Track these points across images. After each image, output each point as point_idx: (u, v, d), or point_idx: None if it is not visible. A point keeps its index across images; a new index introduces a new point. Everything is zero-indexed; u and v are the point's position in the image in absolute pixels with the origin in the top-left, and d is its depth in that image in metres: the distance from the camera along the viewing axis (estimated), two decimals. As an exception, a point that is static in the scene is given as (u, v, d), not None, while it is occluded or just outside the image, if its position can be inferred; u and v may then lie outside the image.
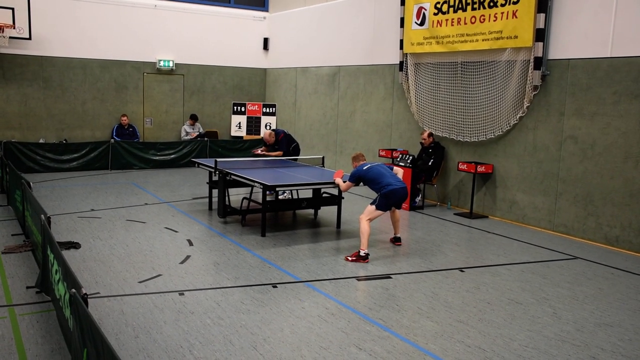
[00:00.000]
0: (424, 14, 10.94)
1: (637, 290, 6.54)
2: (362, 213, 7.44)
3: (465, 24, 10.11)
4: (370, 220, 7.34)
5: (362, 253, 7.22)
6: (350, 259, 7.25)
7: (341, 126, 13.90)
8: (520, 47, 9.24)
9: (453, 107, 10.61)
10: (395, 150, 11.56)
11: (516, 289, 6.43)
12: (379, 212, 7.37)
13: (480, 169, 9.87)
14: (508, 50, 9.44)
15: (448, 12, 10.43)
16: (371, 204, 7.43)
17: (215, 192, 9.74)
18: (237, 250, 7.55)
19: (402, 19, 11.48)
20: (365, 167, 7.59)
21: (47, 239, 5.31)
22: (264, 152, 10.92)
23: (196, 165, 10.07)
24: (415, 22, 11.13)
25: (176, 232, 8.33)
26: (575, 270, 7.22)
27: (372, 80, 12.82)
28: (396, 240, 8.09)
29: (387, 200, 7.33)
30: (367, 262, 7.18)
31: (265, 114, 16.15)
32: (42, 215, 5.56)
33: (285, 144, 10.72)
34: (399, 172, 7.87)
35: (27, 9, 13.07)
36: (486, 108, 9.97)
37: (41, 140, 13.79)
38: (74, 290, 3.73)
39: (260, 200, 8.37)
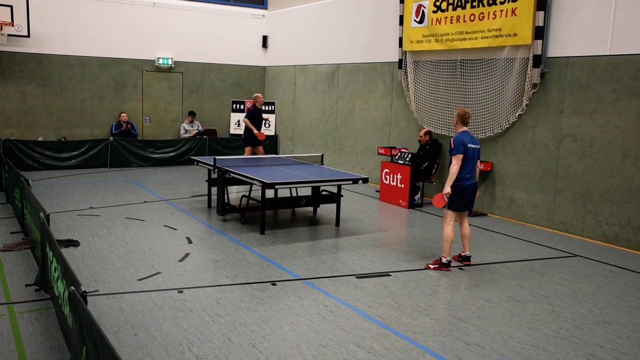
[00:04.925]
0: (423, 11, 10.93)
1: (636, 287, 6.55)
2: (443, 218, 6.94)
3: (464, 21, 10.10)
4: (451, 223, 6.86)
5: (443, 260, 6.89)
6: (432, 266, 6.91)
7: (340, 124, 13.89)
8: (519, 44, 9.23)
9: (452, 105, 10.60)
10: (395, 148, 11.56)
11: (515, 286, 6.44)
12: (454, 212, 6.88)
13: (479, 166, 9.85)
14: (507, 48, 9.44)
15: (447, 10, 10.42)
16: (447, 208, 6.86)
17: (214, 189, 9.74)
18: (236, 247, 7.55)
19: (401, 17, 11.47)
20: (469, 144, 6.78)
21: (46, 237, 5.30)
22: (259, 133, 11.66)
23: (195, 163, 10.07)
24: (415, 20, 11.12)
25: (175, 229, 8.33)
26: (574, 267, 7.23)
27: (371, 78, 12.82)
28: (464, 260, 7.15)
29: (459, 197, 6.78)
30: (449, 269, 6.85)
31: (264, 111, 16.12)
32: (41, 213, 5.56)
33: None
34: (478, 166, 7.19)
35: (26, 6, 13.03)
36: (485, 106, 9.97)
37: (40, 138, 13.76)
38: (73, 287, 3.73)
39: (259, 198, 8.37)
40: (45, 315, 5.19)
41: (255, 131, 11.49)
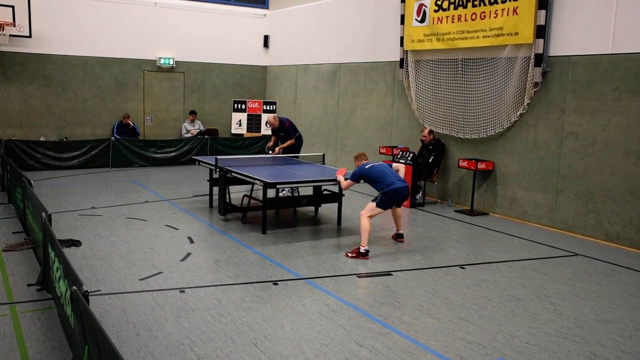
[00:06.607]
0: (424, 10, 10.93)
1: (638, 286, 6.54)
2: (363, 209, 7.44)
3: (465, 20, 10.09)
4: (371, 217, 7.35)
5: (362, 250, 7.24)
6: (350, 255, 7.27)
7: (342, 123, 13.90)
8: (520, 43, 9.23)
9: (454, 104, 10.60)
10: (396, 147, 11.55)
11: (517, 285, 6.43)
12: (379, 209, 7.39)
13: (481, 166, 9.87)
14: (509, 47, 9.43)
15: (448, 9, 10.41)
16: (372, 201, 7.46)
17: (215, 189, 9.75)
18: (238, 247, 7.56)
19: (402, 16, 11.46)
20: (367, 167, 7.61)
21: (48, 237, 5.31)
22: (279, 148, 10.89)
23: (197, 162, 10.08)
24: (416, 19, 11.11)
25: (177, 229, 8.33)
26: (575, 266, 7.22)
27: (373, 77, 12.81)
28: (399, 237, 8.11)
29: (389, 198, 7.36)
30: (367, 258, 7.20)
31: (265, 111, 16.14)
32: (43, 213, 5.57)
33: (292, 131, 10.81)
34: (400, 169, 7.85)
35: (27, 6, 13.06)
36: (487, 105, 9.96)
37: (42, 138, 13.79)
38: (75, 287, 3.73)
39: (260, 198, 8.37)
40: (47, 315, 5.20)
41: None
